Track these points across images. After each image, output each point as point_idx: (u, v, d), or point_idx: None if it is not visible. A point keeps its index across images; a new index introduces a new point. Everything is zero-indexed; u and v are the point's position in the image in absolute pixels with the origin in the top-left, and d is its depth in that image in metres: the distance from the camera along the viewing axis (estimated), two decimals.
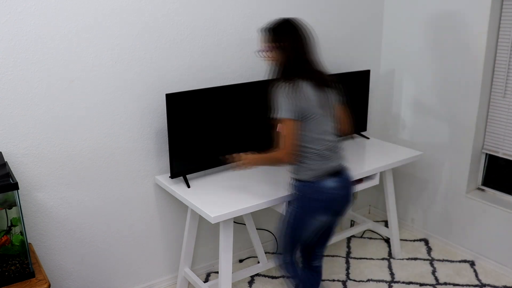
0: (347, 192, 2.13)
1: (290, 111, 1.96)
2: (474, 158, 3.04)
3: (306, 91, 1.97)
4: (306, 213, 2.09)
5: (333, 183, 2.04)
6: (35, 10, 2.06)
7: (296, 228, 2.14)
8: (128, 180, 2.53)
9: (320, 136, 2.03)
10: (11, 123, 2.12)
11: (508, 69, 2.81)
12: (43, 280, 1.89)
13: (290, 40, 2.01)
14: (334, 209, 2.10)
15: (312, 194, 2.06)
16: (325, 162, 2.04)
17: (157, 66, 2.45)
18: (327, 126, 2.06)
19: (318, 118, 2.01)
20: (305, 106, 1.97)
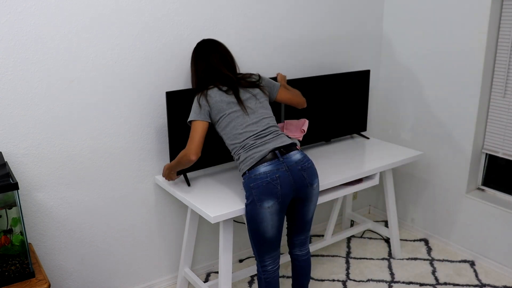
0: (290, 174, 2.09)
1: (197, 114, 2.16)
2: (474, 158, 3.04)
3: (214, 96, 2.17)
4: (253, 204, 2.08)
5: (266, 168, 2.07)
6: (35, 10, 2.06)
7: (253, 223, 2.12)
8: (128, 180, 2.53)
9: (240, 130, 2.15)
10: (11, 123, 2.12)
11: (508, 69, 2.81)
12: (43, 280, 1.89)
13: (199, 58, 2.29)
14: (276, 192, 2.06)
15: (251, 183, 2.08)
16: (253, 150, 2.11)
17: (157, 66, 2.46)
18: (248, 119, 2.16)
19: (232, 116, 2.16)
20: (214, 110, 2.16)
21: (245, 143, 2.13)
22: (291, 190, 2.11)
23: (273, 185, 2.06)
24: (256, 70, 2.81)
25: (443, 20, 3.00)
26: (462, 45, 2.92)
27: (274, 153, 2.11)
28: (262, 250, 2.20)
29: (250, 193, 2.09)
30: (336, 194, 2.61)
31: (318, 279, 2.93)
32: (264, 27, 2.78)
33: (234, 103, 2.17)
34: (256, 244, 2.19)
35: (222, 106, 2.16)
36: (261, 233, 2.13)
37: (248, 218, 2.14)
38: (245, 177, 2.12)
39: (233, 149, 2.18)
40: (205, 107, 2.16)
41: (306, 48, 3.01)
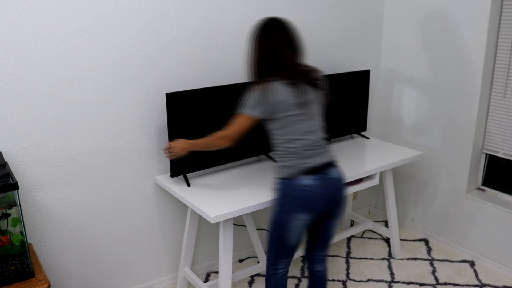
0: (328, 191, 2.04)
1: (251, 108, 1.99)
2: (474, 158, 3.04)
3: (278, 92, 1.96)
4: (286, 211, 2.04)
5: (309, 181, 2.00)
6: (35, 10, 2.06)
7: (279, 230, 2.09)
8: (128, 180, 2.53)
9: (296, 136, 2.01)
10: (11, 123, 2.12)
11: (508, 69, 2.81)
12: (43, 280, 1.88)
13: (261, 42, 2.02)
14: (313, 207, 2.02)
15: (288, 191, 2.02)
16: (303, 161, 2.02)
17: (157, 66, 2.46)
18: (307, 125, 2.03)
19: (291, 119, 2.00)
20: (274, 108, 1.97)
21: (296, 151, 2.02)
22: (324, 206, 2.06)
23: (311, 199, 2.01)
24: None
25: (443, 20, 3.00)
26: (462, 45, 2.92)
27: (319, 168, 2.03)
28: (280, 255, 2.18)
29: (285, 200, 2.04)
30: None
31: None
32: None
33: (296, 105, 1.98)
34: (276, 248, 2.16)
35: (283, 107, 1.97)
36: (284, 240, 2.10)
37: (275, 222, 2.10)
38: (284, 182, 2.04)
39: (281, 151, 2.06)
40: (265, 104, 1.96)
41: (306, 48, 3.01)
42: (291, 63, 2.01)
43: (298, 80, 1.99)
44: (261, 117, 2.00)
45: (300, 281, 2.90)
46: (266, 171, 2.68)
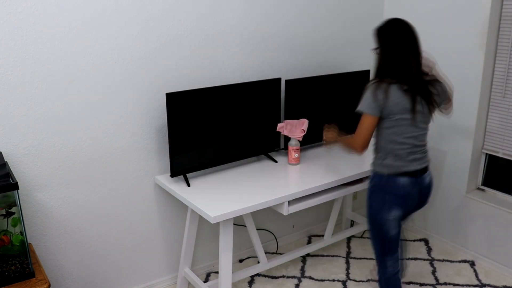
0: (420, 193, 2.21)
1: (370, 108, 2.07)
2: (474, 158, 3.04)
3: (393, 94, 2.04)
4: (380, 207, 2.18)
5: (404, 181, 2.14)
6: (35, 10, 2.06)
7: (377, 224, 2.22)
8: (128, 180, 2.53)
9: (400, 139, 2.11)
10: (11, 123, 2.12)
11: (508, 69, 2.81)
12: (43, 280, 1.88)
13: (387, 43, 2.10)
14: (406, 205, 2.19)
15: (387, 188, 2.16)
16: (403, 163, 2.14)
17: (157, 66, 2.46)
18: (412, 131, 2.12)
19: (401, 122, 2.09)
20: (388, 108, 2.06)
21: (398, 153, 2.13)
22: (414, 205, 2.25)
23: (406, 199, 2.16)
24: (256, 70, 2.81)
25: (443, 20, 3.00)
26: (462, 45, 2.92)
27: (415, 172, 2.15)
28: (385, 251, 2.27)
29: (381, 196, 2.17)
30: (336, 194, 2.61)
31: (318, 279, 2.93)
32: (264, 27, 2.78)
33: (407, 110, 2.06)
34: (379, 244, 2.27)
35: (396, 109, 2.05)
36: (386, 234, 2.22)
37: (374, 218, 2.23)
38: (382, 178, 2.17)
39: (383, 149, 2.16)
40: (381, 102, 2.04)
41: (306, 48, 3.01)
42: (413, 69, 2.07)
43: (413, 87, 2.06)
44: (378, 115, 2.09)
45: (300, 281, 2.90)
46: (266, 171, 2.68)
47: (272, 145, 2.86)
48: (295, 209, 2.43)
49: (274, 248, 3.25)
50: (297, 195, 2.40)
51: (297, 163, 2.76)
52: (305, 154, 2.94)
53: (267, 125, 2.78)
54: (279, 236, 3.28)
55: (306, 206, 2.47)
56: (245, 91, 2.63)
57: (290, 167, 2.73)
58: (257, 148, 2.79)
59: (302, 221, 3.39)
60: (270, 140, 2.84)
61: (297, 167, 2.73)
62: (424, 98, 2.10)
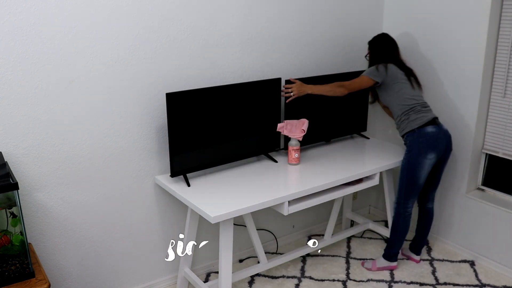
0: (445, 137, 2.73)
1: (370, 73, 2.77)
2: (474, 158, 3.04)
3: (390, 67, 2.78)
4: (418, 154, 2.68)
5: (433, 129, 2.69)
6: (35, 10, 2.06)
7: (413, 170, 2.70)
8: (128, 180, 2.53)
9: (409, 96, 2.76)
10: (11, 123, 2.12)
11: (508, 69, 2.81)
12: (43, 280, 1.88)
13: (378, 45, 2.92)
14: (438, 148, 2.70)
15: (419, 137, 2.68)
16: (422, 114, 2.72)
17: (157, 66, 2.46)
18: (413, 92, 2.78)
19: (403, 85, 2.77)
20: (390, 77, 2.75)
21: (414, 107, 2.74)
22: (444, 149, 2.74)
23: (437, 142, 2.69)
24: (256, 70, 2.81)
25: (443, 20, 2.99)
26: (462, 45, 2.92)
27: (435, 120, 2.73)
28: (410, 194, 2.78)
29: (418, 146, 2.68)
30: (336, 194, 2.61)
31: (318, 279, 2.93)
32: (264, 27, 2.78)
33: (404, 78, 2.79)
34: (407, 188, 2.76)
35: (397, 75, 2.77)
36: (416, 179, 2.73)
37: (409, 166, 2.72)
38: (413, 134, 2.71)
39: (401, 110, 2.76)
40: (382, 73, 2.75)
41: (306, 48, 3.02)
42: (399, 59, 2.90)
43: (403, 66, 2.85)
44: (376, 80, 2.76)
45: (300, 281, 2.90)
46: (266, 171, 2.68)
47: (272, 145, 2.86)
48: (295, 209, 2.43)
49: (274, 248, 3.25)
50: (297, 195, 2.40)
51: (297, 163, 2.76)
52: (305, 154, 2.94)
53: (267, 125, 2.78)
54: (279, 236, 3.28)
55: (306, 206, 2.47)
56: (245, 91, 2.63)
57: (290, 167, 2.73)
58: (257, 148, 2.79)
59: (302, 221, 3.39)
60: (270, 140, 2.84)
61: (297, 167, 2.73)
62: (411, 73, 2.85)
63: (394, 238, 2.91)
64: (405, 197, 2.79)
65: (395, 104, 2.79)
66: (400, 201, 2.82)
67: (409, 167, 2.72)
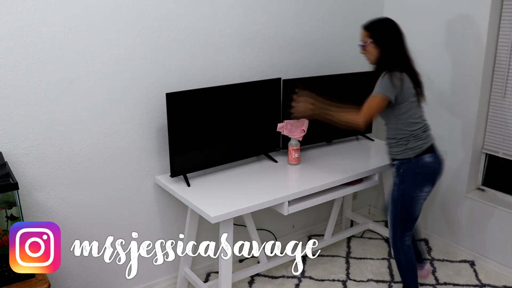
0: (440, 165, 2.42)
1: (386, 90, 2.25)
2: (474, 158, 3.04)
3: (406, 81, 2.28)
4: (414, 187, 2.36)
5: (431, 158, 2.36)
6: (35, 10, 2.06)
7: (408, 205, 2.38)
8: (128, 180, 2.53)
9: (415, 120, 2.34)
10: (11, 123, 2.12)
11: (508, 69, 2.81)
12: (43, 280, 1.88)
13: (386, 36, 2.32)
14: (435, 180, 2.41)
15: (416, 168, 2.34)
16: (422, 142, 2.35)
17: (157, 66, 2.45)
18: (420, 112, 2.39)
19: (412, 105, 2.33)
20: (403, 94, 2.27)
21: (417, 133, 2.34)
22: (439, 178, 2.45)
23: (435, 174, 2.39)
24: (256, 70, 2.81)
25: (442, 20, 3.00)
26: (462, 45, 2.92)
27: (432, 147, 2.39)
28: (407, 228, 2.46)
29: (414, 179, 2.35)
30: (336, 194, 2.61)
31: (318, 279, 2.93)
32: (264, 27, 2.78)
33: (413, 94, 2.33)
34: (403, 223, 2.44)
35: (408, 94, 2.30)
36: (412, 213, 2.41)
37: (403, 200, 2.39)
38: (409, 162, 2.35)
39: (403, 135, 2.35)
40: (398, 88, 2.25)
41: (306, 48, 3.01)
42: (411, 60, 2.36)
43: (414, 75, 2.35)
44: (391, 99, 2.27)
45: (300, 281, 2.90)
46: (266, 171, 2.68)
47: (272, 145, 2.86)
48: (295, 209, 2.43)
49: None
50: (297, 195, 2.40)
51: (297, 163, 2.76)
52: (305, 154, 2.94)
53: (267, 125, 2.78)
54: (279, 236, 3.28)
55: (306, 206, 2.47)
56: (245, 91, 2.63)
57: (290, 167, 2.73)
58: (257, 148, 2.79)
59: (302, 221, 3.39)
60: (270, 140, 2.84)
61: (297, 167, 2.73)
62: (419, 84, 2.38)
63: (405, 275, 2.57)
64: (401, 232, 2.46)
65: (396, 127, 2.36)
66: (396, 237, 2.48)
67: (403, 201, 2.39)
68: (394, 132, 2.38)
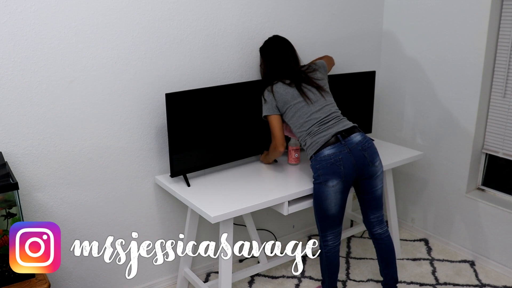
0: (353, 155, 2.30)
1: (267, 110, 2.43)
2: (474, 158, 3.04)
3: (279, 90, 2.41)
4: (319, 183, 2.31)
5: (329, 151, 2.29)
6: (35, 10, 2.06)
7: (319, 200, 2.35)
8: (128, 180, 2.53)
9: (305, 119, 2.36)
10: (11, 123, 2.12)
11: (508, 69, 2.81)
12: (43, 280, 1.88)
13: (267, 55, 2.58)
14: (341, 173, 2.28)
15: (317, 165, 2.31)
16: (318, 136, 2.33)
17: (157, 66, 2.46)
18: (312, 109, 2.38)
19: (298, 106, 2.38)
20: (280, 102, 2.40)
21: (310, 130, 2.35)
22: (354, 170, 2.31)
23: (336, 166, 2.27)
24: (256, 70, 2.81)
25: (443, 20, 2.99)
26: (462, 45, 2.92)
27: (337, 137, 2.31)
28: (325, 226, 2.41)
29: (317, 174, 2.32)
30: None
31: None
32: (264, 27, 2.78)
33: (297, 95, 2.39)
34: (320, 220, 2.40)
35: (287, 98, 2.39)
36: (325, 209, 2.35)
37: (315, 195, 2.37)
38: (312, 160, 2.35)
39: (300, 136, 2.40)
40: (272, 101, 2.41)
41: (306, 48, 3.01)
42: (287, 68, 2.49)
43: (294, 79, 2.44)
44: (276, 113, 2.43)
45: (300, 281, 2.90)
46: (266, 171, 2.68)
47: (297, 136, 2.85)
48: (295, 209, 2.43)
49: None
50: (297, 195, 2.40)
51: (297, 163, 2.76)
52: (305, 154, 2.93)
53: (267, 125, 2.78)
54: (279, 236, 3.28)
55: (306, 206, 2.47)
56: (245, 91, 2.63)
57: (290, 167, 2.73)
58: (256, 148, 2.79)
59: (302, 221, 3.39)
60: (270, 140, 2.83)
61: (297, 167, 2.73)
62: (307, 82, 2.43)
63: (322, 275, 2.57)
64: (322, 229, 2.42)
65: (294, 131, 2.44)
66: (319, 234, 2.46)
67: (315, 197, 2.37)
68: (296, 135, 2.44)
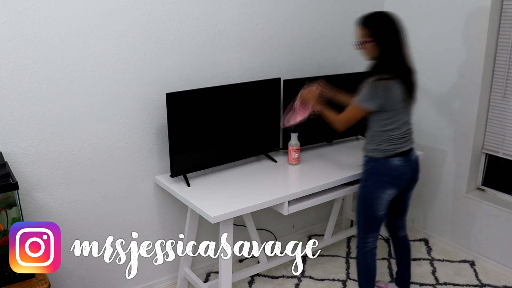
0: (411, 170, 2.37)
1: (366, 102, 2.22)
2: (474, 158, 3.04)
3: (393, 89, 2.19)
4: (376, 188, 2.32)
5: (398, 162, 2.30)
6: (35, 10, 2.06)
7: (370, 203, 2.35)
8: (128, 180, 2.53)
9: (395, 125, 2.27)
10: (11, 123, 2.12)
11: (508, 69, 2.81)
12: (43, 280, 1.88)
13: (386, 35, 2.22)
14: (400, 184, 2.34)
15: (382, 170, 2.31)
16: (396, 146, 2.30)
17: (157, 66, 2.46)
18: (405, 117, 2.31)
19: (397, 111, 2.24)
20: (387, 103, 2.20)
21: (392, 137, 2.28)
22: (407, 182, 2.40)
23: (400, 178, 2.33)
24: (256, 70, 2.81)
25: (443, 20, 3.00)
26: (462, 45, 2.92)
27: (405, 152, 2.33)
28: (369, 228, 2.42)
29: (377, 179, 2.32)
30: (336, 194, 2.61)
31: (318, 279, 2.93)
32: (264, 27, 2.78)
33: (403, 101, 2.24)
34: (366, 221, 2.41)
35: (396, 101, 2.22)
36: (374, 212, 2.37)
37: (365, 196, 2.37)
38: (376, 161, 2.32)
39: (379, 136, 2.30)
40: (380, 99, 2.19)
41: (306, 48, 3.01)
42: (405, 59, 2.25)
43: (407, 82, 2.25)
44: (373, 109, 2.23)
45: (300, 281, 2.90)
46: (266, 171, 2.68)
47: (272, 145, 2.86)
48: (295, 209, 2.43)
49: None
50: (297, 195, 2.40)
51: (297, 163, 2.76)
52: (305, 154, 2.94)
53: (267, 125, 2.78)
54: (279, 236, 3.28)
55: (306, 206, 2.47)
56: (245, 91, 2.63)
57: (290, 167, 2.73)
58: (256, 148, 2.79)
59: (302, 221, 3.39)
60: (270, 140, 2.84)
61: (297, 167, 2.73)
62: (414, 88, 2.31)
63: (359, 279, 2.55)
64: (364, 231, 2.43)
65: (374, 127, 2.31)
66: (360, 236, 2.46)
67: (365, 200, 2.36)
68: (372, 130, 2.33)
